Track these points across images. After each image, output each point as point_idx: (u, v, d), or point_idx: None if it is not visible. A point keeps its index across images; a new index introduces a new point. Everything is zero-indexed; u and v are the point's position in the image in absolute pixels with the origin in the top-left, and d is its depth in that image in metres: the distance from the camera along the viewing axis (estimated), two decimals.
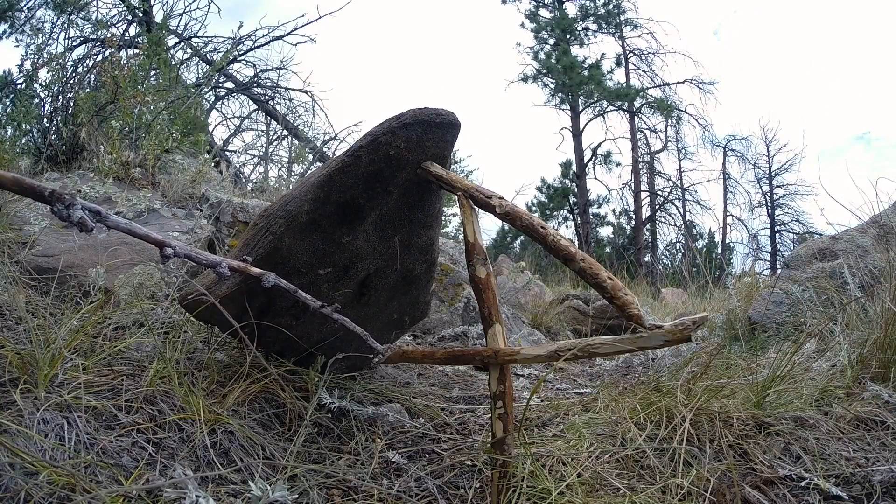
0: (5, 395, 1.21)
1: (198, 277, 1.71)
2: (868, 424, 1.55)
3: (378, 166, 1.46)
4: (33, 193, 0.89)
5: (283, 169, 7.32)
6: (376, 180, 1.49)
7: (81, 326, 1.59)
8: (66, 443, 1.15)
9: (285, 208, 1.48)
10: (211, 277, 1.50)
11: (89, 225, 0.89)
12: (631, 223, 18.84)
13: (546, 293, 5.36)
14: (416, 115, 1.46)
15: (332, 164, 1.48)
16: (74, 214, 0.88)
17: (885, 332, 1.76)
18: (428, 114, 1.47)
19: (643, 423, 1.59)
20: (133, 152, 2.95)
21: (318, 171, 1.55)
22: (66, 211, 0.87)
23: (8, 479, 0.99)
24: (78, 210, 0.88)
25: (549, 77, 18.16)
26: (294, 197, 1.49)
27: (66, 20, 4.88)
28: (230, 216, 2.59)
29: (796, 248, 3.65)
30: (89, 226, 0.89)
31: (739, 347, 2.50)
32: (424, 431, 1.63)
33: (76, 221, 0.88)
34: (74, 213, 0.88)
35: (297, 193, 1.49)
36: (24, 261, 1.99)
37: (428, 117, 1.47)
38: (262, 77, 7.03)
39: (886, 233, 2.81)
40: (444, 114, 1.50)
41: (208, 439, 1.32)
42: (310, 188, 1.47)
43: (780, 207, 18.45)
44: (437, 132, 1.50)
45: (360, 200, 1.51)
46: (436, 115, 1.48)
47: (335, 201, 1.48)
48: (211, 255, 1.18)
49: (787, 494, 1.31)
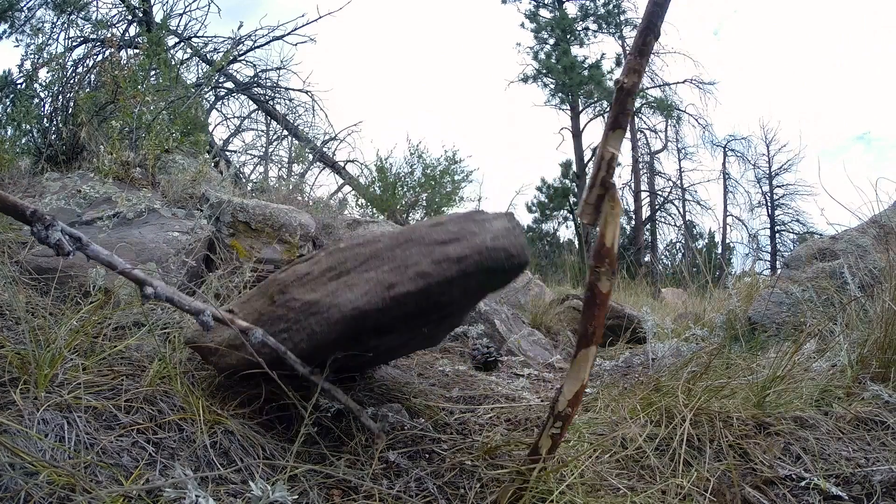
0: (5, 395, 1.21)
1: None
2: (868, 424, 1.55)
3: (424, 308, 1.29)
4: (15, 211, 0.86)
5: (283, 169, 7.32)
6: (419, 316, 1.34)
7: (81, 326, 1.59)
8: (66, 443, 1.15)
9: (311, 327, 1.30)
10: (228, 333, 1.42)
11: (66, 248, 0.87)
12: (631, 223, 18.83)
13: (546, 293, 5.36)
14: (483, 261, 1.24)
15: (367, 298, 1.24)
16: (52, 236, 0.85)
17: (885, 332, 1.76)
18: (497, 258, 1.25)
19: (643, 423, 1.59)
20: (133, 152, 2.95)
21: (345, 289, 1.27)
22: (44, 232, 0.84)
23: (8, 479, 0.99)
24: (57, 232, 0.85)
25: (549, 77, 18.17)
26: (322, 320, 1.28)
27: (66, 20, 4.88)
28: (230, 216, 2.59)
29: (796, 248, 3.65)
30: (66, 249, 0.87)
31: (739, 347, 2.50)
32: (424, 431, 1.63)
33: (53, 244, 0.85)
34: (53, 235, 0.85)
35: (325, 318, 1.28)
36: (24, 261, 1.99)
37: (496, 264, 1.25)
38: (262, 77, 7.03)
39: (886, 233, 2.81)
40: (515, 255, 1.28)
41: (208, 439, 1.32)
42: (340, 321, 1.26)
43: (780, 207, 18.45)
44: (502, 277, 1.31)
45: (395, 325, 1.35)
46: (506, 260, 1.26)
47: (368, 327, 1.30)
48: (194, 303, 1.12)
49: (787, 494, 1.31)
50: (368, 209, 6.36)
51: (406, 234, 1.34)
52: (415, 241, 1.30)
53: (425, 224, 1.37)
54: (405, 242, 1.31)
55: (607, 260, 1.09)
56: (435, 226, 1.34)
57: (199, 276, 2.31)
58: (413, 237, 1.31)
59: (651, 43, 1.06)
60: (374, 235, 1.38)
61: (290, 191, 4.79)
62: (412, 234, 1.33)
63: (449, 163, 7.00)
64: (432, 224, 1.35)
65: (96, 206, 2.42)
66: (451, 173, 6.97)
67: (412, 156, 6.94)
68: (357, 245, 1.35)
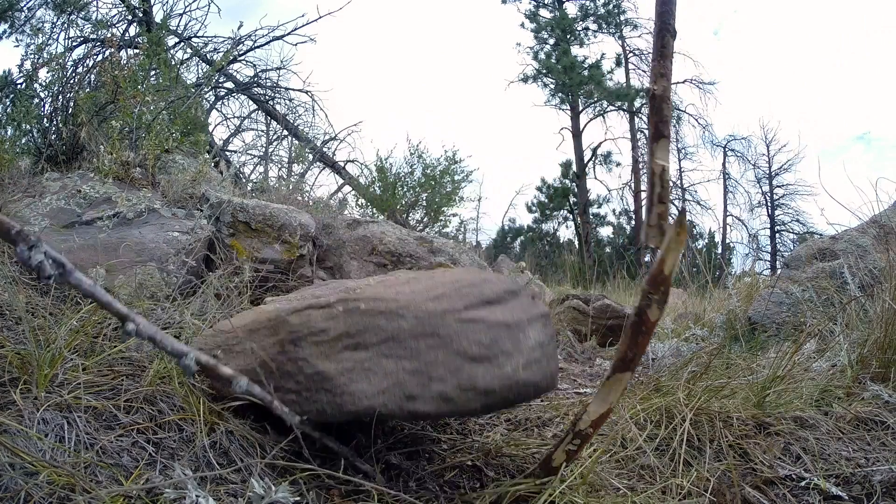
0: (5, 395, 1.21)
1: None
2: (868, 424, 1.55)
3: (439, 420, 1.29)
4: (0, 230, 0.83)
5: (283, 169, 7.32)
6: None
7: (81, 326, 1.59)
8: (66, 443, 1.15)
9: (322, 404, 1.26)
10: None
11: (46, 272, 0.83)
12: (631, 223, 18.83)
13: (546, 293, 5.36)
14: (509, 396, 1.20)
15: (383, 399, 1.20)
16: (35, 258, 0.81)
17: (885, 332, 1.76)
18: (525, 394, 1.22)
19: (643, 423, 1.59)
20: (133, 152, 2.95)
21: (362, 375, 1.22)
22: (27, 252, 0.81)
23: (8, 479, 0.99)
24: (40, 254, 0.82)
25: (549, 77, 18.17)
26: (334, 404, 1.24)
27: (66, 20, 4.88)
28: (230, 216, 2.59)
29: (796, 248, 3.65)
30: (46, 272, 0.83)
31: (739, 347, 2.50)
32: (424, 431, 1.63)
33: (34, 266, 0.82)
34: (35, 257, 0.81)
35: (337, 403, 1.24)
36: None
37: (522, 398, 1.22)
38: (262, 77, 7.03)
39: (886, 233, 2.81)
40: (544, 387, 1.26)
41: (208, 439, 1.32)
42: (353, 413, 1.23)
43: (780, 207, 18.45)
44: (524, 402, 1.29)
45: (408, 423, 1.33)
46: (534, 394, 1.25)
47: (381, 422, 1.30)
48: (177, 344, 1.06)
49: (787, 494, 1.31)
50: (368, 209, 6.36)
51: (434, 320, 1.23)
52: (443, 339, 1.20)
53: (457, 304, 1.25)
54: (432, 335, 1.21)
55: (662, 288, 1.03)
56: (466, 322, 1.22)
57: (199, 276, 2.31)
58: (441, 331, 1.21)
59: (670, 43, 1.04)
60: (396, 298, 1.27)
61: (290, 191, 4.79)
62: (441, 324, 1.22)
63: (449, 163, 7.00)
64: (464, 312, 1.23)
65: (96, 206, 2.42)
66: (451, 173, 6.97)
67: (412, 156, 6.94)
68: (378, 313, 1.25)
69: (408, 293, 1.29)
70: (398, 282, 1.46)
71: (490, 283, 1.34)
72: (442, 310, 1.24)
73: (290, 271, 2.59)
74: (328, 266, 3.05)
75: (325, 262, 3.06)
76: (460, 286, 1.31)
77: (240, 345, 1.42)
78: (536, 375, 1.22)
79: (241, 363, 1.38)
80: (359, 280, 1.67)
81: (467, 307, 1.25)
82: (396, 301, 1.26)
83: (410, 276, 1.51)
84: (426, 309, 1.24)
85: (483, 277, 1.39)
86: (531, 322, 1.28)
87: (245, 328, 1.44)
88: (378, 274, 2.96)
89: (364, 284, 1.52)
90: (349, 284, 1.57)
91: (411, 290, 1.31)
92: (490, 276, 1.42)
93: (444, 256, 3.07)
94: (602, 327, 3.85)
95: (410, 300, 1.27)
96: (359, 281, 1.62)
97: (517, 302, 1.33)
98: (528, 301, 1.37)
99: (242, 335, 1.42)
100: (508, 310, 1.28)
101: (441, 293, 1.28)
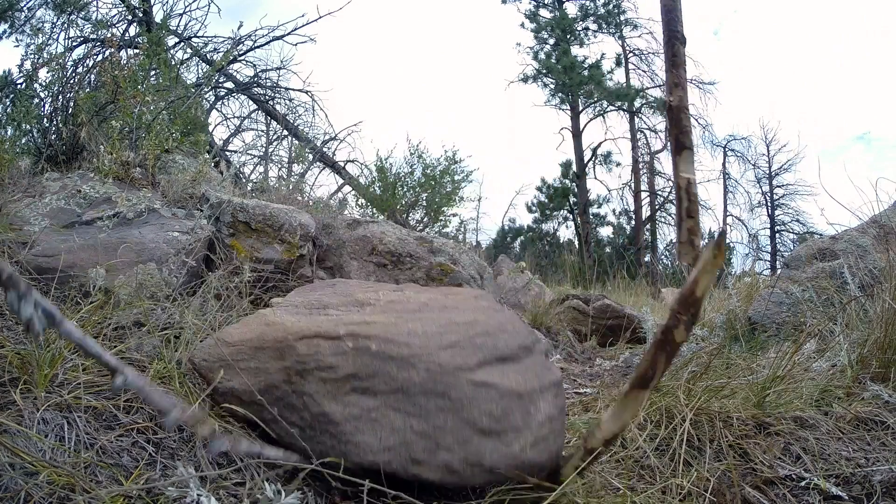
0: (5, 395, 1.21)
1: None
2: (868, 424, 1.55)
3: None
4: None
5: (283, 169, 7.32)
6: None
7: (81, 326, 1.59)
8: (66, 443, 1.15)
9: (325, 447, 1.26)
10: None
11: (35, 329, 0.79)
12: (631, 223, 18.83)
13: (546, 293, 5.36)
14: (512, 475, 1.18)
15: (388, 457, 1.18)
16: (25, 310, 0.78)
17: (885, 332, 1.76)
18: (528, 473, 1.19)
19: (643, 423, 1.59)
20: (133, 152, 2.95)
21: (368, 426, 1.21)
22: (17, 303, 0.78)
23: (8, 479, 0.99)
24: (29, 307, 0.78)
25: (549, 77, 18.16)
26: (338, 451, 1.23)
27: (66, 20, 4.88)
28: (230, 216, 2.59)
29: (796, 248, 3.65)
30: (35, 330, 0.79)
31: (739, 347, 2.50)
32: None
33: (24, 319, 0.79)
34: (25, 309, 0.78)
35: (340, 451, 1.23)
36: (24, 261, 1.99)
37: (523, 477, 1.19)
38: (262, 77, 7.03)
39: (886, 233, 2.81)
40: (547, 468, 1.23)
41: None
42: (356, 464, 1.22)
43: (780, 207, 18.44)
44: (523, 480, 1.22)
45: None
46: (536, 474, 1.19)
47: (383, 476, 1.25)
48: (164, 400, 1.05)
49: (787, 494, 1.31)
50: (368, 209, 6.36)
51: (446, 378, 1.21)
52: (454, 403, 1.18)
53: (470, 360, 1.23)
54: (443, 396, 1.19)
55: (693, 310, 0.99)
56: (479, 386, 1.20)
57: (199, 276, 2.31)
58: (452, 393, 1.19)
59: (680, 51, 1.01)
60: (408, 343, 1.25)
61: (290, 191, 4.79)
62: (453, 383, 1.20)
63: (449, 163, 7.00)
64: (477, 371, 1.21)
65: (96, 206, 2.42)
66: (451, 173, 6.96)
67: (412, 156, 6.94)
68: (389, 358, 1.24)
69: (420, 335, 1.27)
70: (409, 307, 1.43)
71: (505, 334, 1.32)
72: (455, 366, 1.22)
73: (290, 271, 2.59)
74: (328, 266, 3.05)
75: (325, 262, 3.06)
76: (474, 334, 1.29)
77: (244, 362, 1.39)
78: (542, 455, 1.20)
79: (243, 383, 1.36)
80: (366, 290, 1.64)
81: (480, 364, 1.24)
82: (408, 346, 1.25)
83: (422, 301, 1.48)
84: (438, 361, 1.22)
85: (498, 323, 1.37)
86: (543, 392, 1.26)
87: (250, 344, 1.42)
88: (379, 273, 2.96)
89: (374, 300, 1.49)
90: (358, 296, 1.54)
91: (423, 329, 1.29)
92: (505, 322, 1.39)
93: (444, 256, 3.07)
94: (602, 327, 3.85)
95: (423, 347, 1.25)
96: (367, 292, 1.59)
97: (531, 361, 1.31)
98: (542, 362, 1.35)
99: (248, 352, 1.40)
100: (522, 372, 1.26)
101: (454, 340, 1.27)
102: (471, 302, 1.52)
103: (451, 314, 1.39)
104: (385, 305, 1.47)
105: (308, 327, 1.36)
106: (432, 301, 1.49)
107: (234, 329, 1.51)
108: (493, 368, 1.25)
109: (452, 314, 1.39)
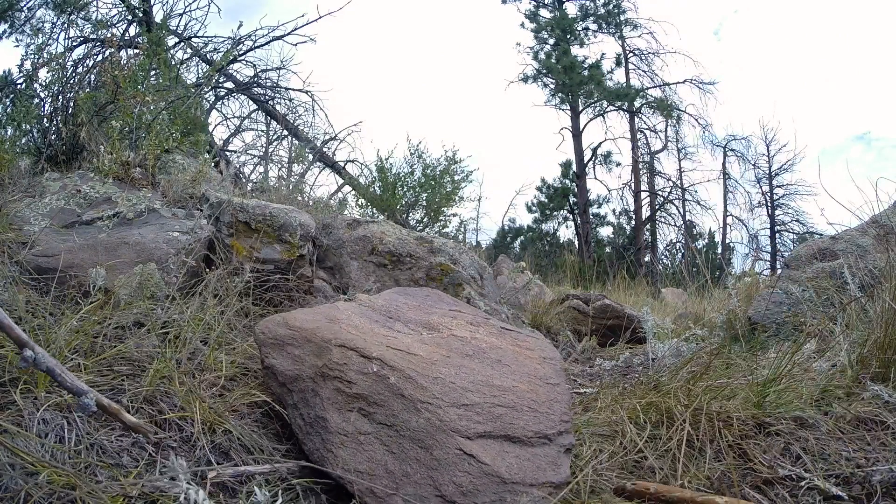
0: (5, 395, 1.21)
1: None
2: (868, 424, 1.55)
3: None
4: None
5: (283, 169, 7.32)
6: None
7: (81, 326, 1.58)
8: (66, 443, 1.15)
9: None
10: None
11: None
12: (631, 223, 18.80)
13: (546, 293, 5.36)
14: None
15: None
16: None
17: (885, 332, 1.76)
18: None
19: (643, 424, 1.59)
20: (133, 152, 2.94)
21: None
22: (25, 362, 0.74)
23: (8, 479, 0.99)
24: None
25: (549, 77, 18.14)
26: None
27: (66, 20, 4.87)
28: (230, 216, 2.59)
29: (796, 248, 3.65)
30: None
31: (739, 347, 2.49)
32: None
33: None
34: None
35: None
36: (24, 261, 1.99)
37: None
38: (262, 77, 7.02)
39: (886, 233, 2.81)
40: None
41: (208, 439, 1.32)
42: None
43: (780, 207, 18.41)
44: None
45: None
46: None
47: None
48: (77, 382, 1.03)
49: (787, 494, 1.31)
50: (368, 209, 6.36)
51: (440, 434, 1.23)
52: (433, 459, 1.20)
53: (474, 427, 1.24)
54: (427, 449, 1.21)
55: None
56: (466, 456, 1.20)
57: (198, 276, 2.31)
58: (435, 450, 1.20)
59: None
60: (427, 389, 1.28)
61: (290, 191, 4.79)
62: (443, 443, 1.22)
63: (449, 163, 6.99)
64: (470, 443, 1.22)
65: (96, 206, 2.42)
66: (451, 173, 6.96)
67: (412, 156, 6.93)
68: (400, 396, 1.29)
69: (443, 384, 1.33)
70: (465, 349, 1.50)
71: (533, 415, 1.34)
72: (454, 428, 1.26)
73: (290, 271, 2.59)
74: (328, 266, 3.05)
75: (325, 262, 3.06)
76: (499, 403, 1.33)
77: (292, 347, 1.47)
78: None
79: (283, 364, 1.45)
80: (447, 314, 1.74)
81: (482, 435, 1.27)
82: (424, 391, 1.31)
83: (484, 347, 1.54)
84: (441, 416, 1.26)
85: (537, 399, 1.38)
86: (533, 488, 1.22)
87: (304, 334, 1.49)
88: (379, 273, 2.95)
89: (444, 327, 1.62)
90: (433, 319, 1.66)
91: (452, 380, 1.35)
92: (547, 400, 1.41)
93: (443, 256, 3.07)
94: (602, 327, 3.85)
95: (438, 397, 1.30)
96: (445, 316, 1.71)
97: (543, 452, 1.30)
98: (555, 457, 1.30)
99: (299, 340, 1.48)
100: (524, 460, 1.26)
101: (473, 402, 1.32)
102: (530, 364, 1.53)
103: (496, 372, 1.41)
104: (446, 339, 1.54)
105: (351, 339, 1.43)
106: (494, 350, 1.53)
107: (300, 314, 1.59)
108: (493, 445, 1.25)
109: (496, 372, 1.41)
